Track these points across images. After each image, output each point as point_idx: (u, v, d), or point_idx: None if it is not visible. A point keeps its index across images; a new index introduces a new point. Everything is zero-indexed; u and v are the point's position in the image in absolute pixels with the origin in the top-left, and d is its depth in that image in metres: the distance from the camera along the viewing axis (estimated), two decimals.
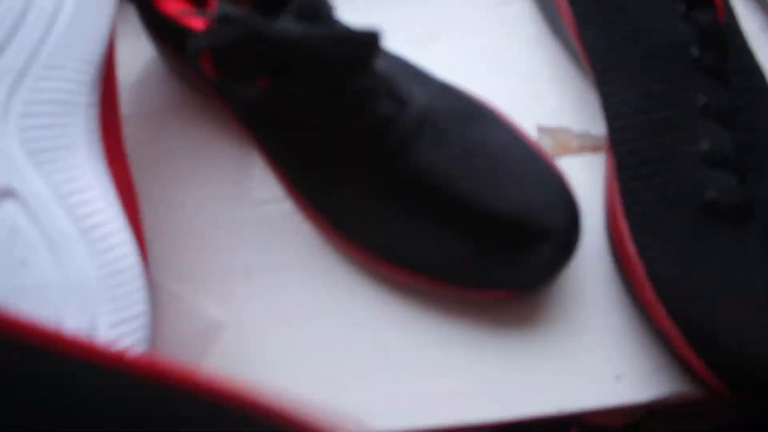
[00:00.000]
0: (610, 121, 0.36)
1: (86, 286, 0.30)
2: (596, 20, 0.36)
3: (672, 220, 0.33)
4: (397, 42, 0.42)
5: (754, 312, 0.32)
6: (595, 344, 0.35)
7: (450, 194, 0.31)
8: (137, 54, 0.43)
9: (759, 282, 0.32)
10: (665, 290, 0.33)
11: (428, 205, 0.32)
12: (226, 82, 0.32)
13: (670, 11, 0.34)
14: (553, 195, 0.32)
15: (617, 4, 0.35)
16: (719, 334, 0.32)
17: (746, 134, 0.35)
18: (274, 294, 0.36)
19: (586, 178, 0.38)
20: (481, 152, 0.32)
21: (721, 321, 0.32)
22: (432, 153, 0.31)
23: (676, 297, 0.33)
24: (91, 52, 0.32)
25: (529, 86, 0.41)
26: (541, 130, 0.40)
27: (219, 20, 0.28)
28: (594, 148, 0.39)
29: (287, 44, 0.28)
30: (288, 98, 0.32)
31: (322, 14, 0.30)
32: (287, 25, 0.28)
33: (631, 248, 0.34)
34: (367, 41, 0.30)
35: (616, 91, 0.36)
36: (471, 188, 0.31)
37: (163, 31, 0.37)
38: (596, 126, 0.40)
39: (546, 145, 0.39)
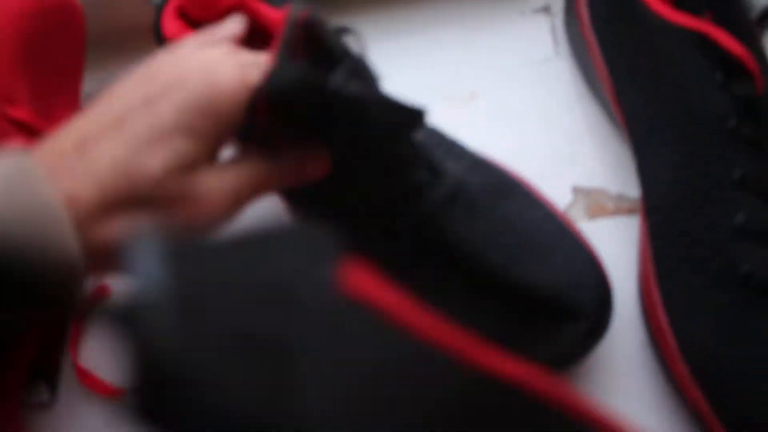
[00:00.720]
0: (647, 188, 0.36)
1: None
2: (633, 84, 0.36)
3: (706, 293, 0.33)
4: (438, 99, 0.43)
5: None
6: (624, 413, 0.35)
7: (480, 268, 0.32)
8: None
9: None
10: (699, 365, 0.33)
11: (457, 278, 0.32)
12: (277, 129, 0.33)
13: (707, 80, 0.34)
14: (584, 273, 0.33)
15: (654, 70, 0.35)
16: (754, 416, 0.31)
17: None
18: None
19: (621, 240, 0.38)
20: (512, 228, 0.32)
21: (757, 403, 0.31)
22: (464, 226, 0.32)
23: (709, 373, 0.32)
24: None
25: (567, 146, 0.41)
26: (578, 190, 0.40)
27: (281, 65, 0.28)
28: (629, 211, 0.39)
29: (341, 100, 0.29)
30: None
31: (371, 78, 0.31)
32: (341, 81, 0.29)
33: (663, 318, 0.34)
34: (414, 112, 0.31)
35: (653, 157, 0.36)
36: (501, 263, 0.32)
37: None
38: (632, 188, 0.39)
39: (582, 205, 0.39)
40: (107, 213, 0.25)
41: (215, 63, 0.28)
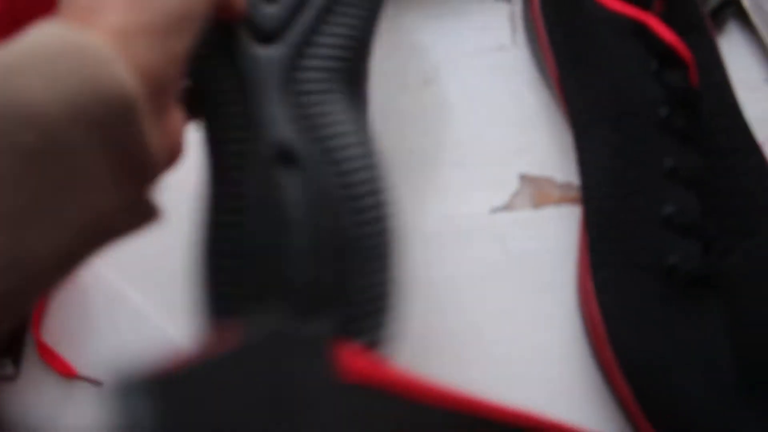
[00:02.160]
0: (584, 177, 0.36)
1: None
2: (574, 73, 0.36)
3: (634, 284, 0.33)
4: (393, 86, 0.43)
5: (711, 386, 0.31)
6: (554, 400, 0.35)
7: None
8: None
9: (717, 355, 0.32)
10: (624, 355, 0.33)
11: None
12: None
13: (643, 70, 0.33)
14: None
15: (593, 59, 0.35)
16: (673, 407, 0.31)
17: (723, 199, 0.34)
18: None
19: (564, 229, 0.38)
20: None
21: (676, 393, 0.32)
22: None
23: (633, 363, 0.33)
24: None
25: (518, 134, 0.41)
26: (524, 178, 0.40)
27: None
28: (574, 200, 0.39)
29: None
30: None
31: None
32: None
33: (594, 307, 0.34)
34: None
35: (590, 146, 0.36)
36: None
37: None
38: (579, 177, 0.40)
39: (527, 193, 0.40)
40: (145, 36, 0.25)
41: None
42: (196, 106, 0.32)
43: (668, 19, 0.36)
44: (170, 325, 0.40)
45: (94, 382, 0.39)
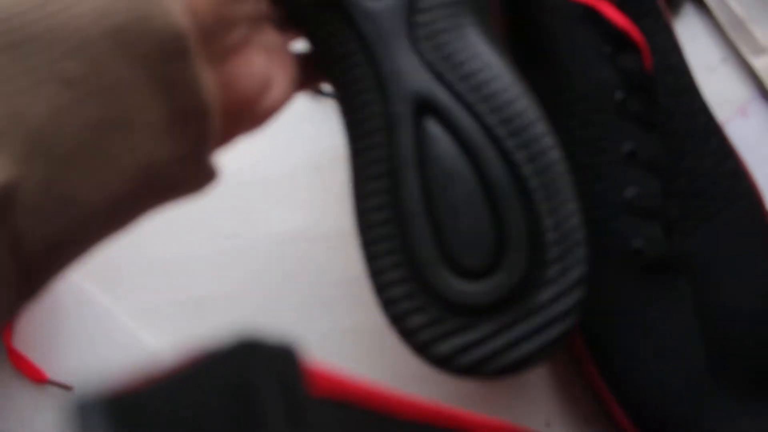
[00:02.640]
0: None
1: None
2: (529, 62, 0.36)
3: (599, 271, 0.33)
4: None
5: (680, 369, 0.32)
6: (527, 390, 0.35)
7: None
8: None
9: (685, 338, 0.32)
10: (593, 342, 0.33)
11: None
12: None
13: (596, 54, 0.33)
14: None
15: (549, 45, 0.35)
16: (644, 393, 0.32)
17: (684, 181, 0.34)
18: (225, 324, 0.38)
19: None
20: None
21: (647, 379, 0.32)
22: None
23: (602, 350, 0.33)
24: None
25: None
26: None
27: None
28: None
29: None
30: None
31: None
32: None
33: None
34: None
35: None
36: None
37: None
38: None
39: None
40: None
41: None
42: (324, 75, 0.31)
43: (622, 4, 0.36)
44: (141, 328, 0.40)
45: (65, 387, 0.39)
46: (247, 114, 0.27)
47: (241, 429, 0.16)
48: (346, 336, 0.38)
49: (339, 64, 0.30)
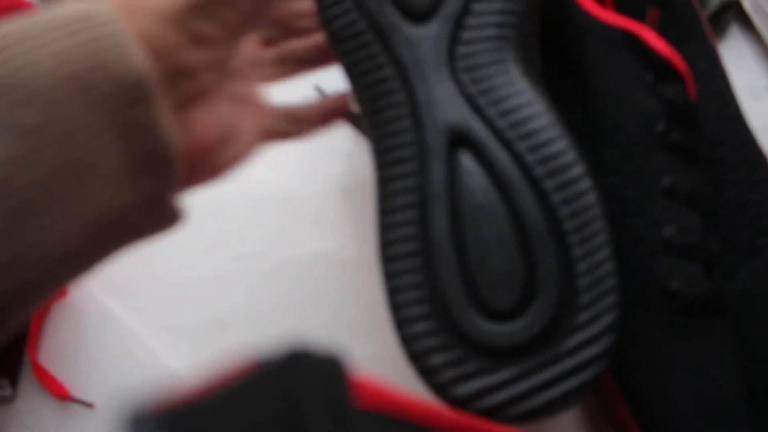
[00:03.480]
0: None
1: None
2: (567, 87, 0.35)
3: (635, 311, 0.31)
4: None
5: (719, 414, 0.30)
6: (559, 427, 0.35)
7: None
8: None
9: (725, 383, 0.31)
10: (627, 387, 0.32)
11: None
12: None
13: (637, 83, 0.32)
14: None
15: (587, 72, 0.33)
16: None
17: (728, 215, 0.33)
18: (244, 345, 0.38)
19: None
20: None
21: (683, 425, 0.30)
22: None
23: (637, 395, 0.31)
24: None
25: None
26: None
27: None
28: None
29: None
30: None
31: None
32: None
33: None
34: None
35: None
36: None
37: None
38: None
39: None
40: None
41: None
42: (360, 98, 0.30)
43: (665, 27, 0.34)
44: (162, 348, 0.40)
45: (87, 405, 0.39)
46: (207, 164, 0.27)
47: None
48: (366, 363, 0.37)
49: (374, 88, 0.29)
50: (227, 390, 0.18)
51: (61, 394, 0.39)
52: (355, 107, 0.38)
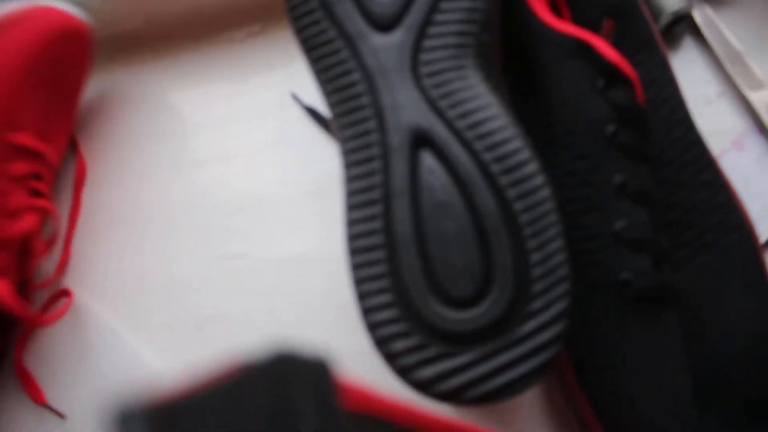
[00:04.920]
0: None
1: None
2: (521, 94, 0.37)
3: (590, 303, 0.33)
4: None
5: (668, 401, 0.32)
6: (518, 418, 0.36)
7: None
8: None
9: (673, 370, 0.32)
10: (581, 371, 0.33)
11: None
12: None
13: (588, 88, 0.34)
14: None
15: (542, 78, 0.36)
16: (632, 424, 0.32)
17: (677, 213, 0.35)
18: (225, 344, 0.39)
19: None
20: None
21: (634, 410, 0.32)
22: None
23: (590, 379, 0.33)
24: None
25: None
26: None
27: None
28: None
29: None
30: None
31: None
32: None
33: None
34: None
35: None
36: None
37: None
38: None
39: None
40: None
41: None
42: (329, 101, 0.32)
43: (619, 38, 0.36)
44: (145, 348, 0.41)
45: (59, 415, 0.39)
46: None
47: None
48: (346, 358, 0.38)
49: (342, 92, 0.31)
50: (216, 390, 0.18)
51: (37, 399, 0.40)
52: (326, 112, 0.40)
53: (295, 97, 0.46)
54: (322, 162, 0.43)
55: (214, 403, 0.17)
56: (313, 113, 0.45)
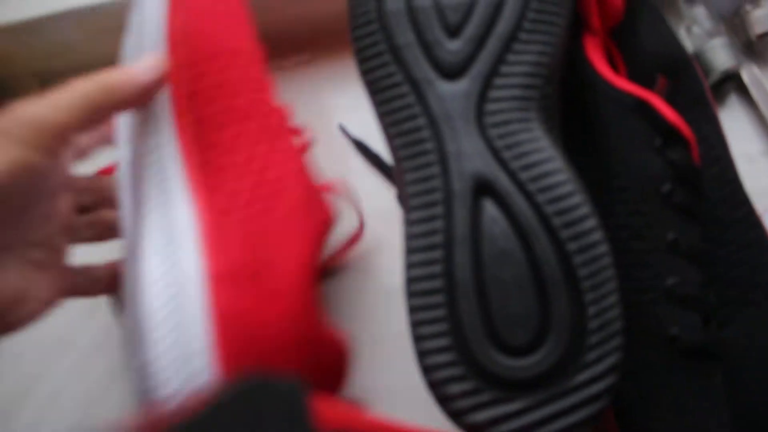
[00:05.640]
0: None
1: None
2: (585, 148, 0.37)
3: (637, 354, 0.33)
4: None
5: None
6: None
7: None
8: None
9: (717, 426, 0.33)
10: (626, 424, 0.34)
11: None
12: None
13: (646, 146, 0.35)
14: None
15: (602, 134, 0.36)
16: None
17: (724, 270, 0.36)
18: None
19: None
20: None
21: None
22: None
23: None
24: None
25: None
26: None
27: None
28: None
29: None
30: None
31: None
32: None
33: None
34: None
35: None
36: None
37: None
38: None
39: None
40: None
41: None
42: (392, 144, 0.33)
43: (672, 94, 0.37)
44: None
45: None
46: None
47: None
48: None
49: (407, 137, 0.32)
50: (192, 416, 0.18)
51: None
52: (388, 159, 0.41)
53: (344, 129, 0.47)
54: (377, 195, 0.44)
55: (191, 428, 0.18)
56: (360, 146, 0.46)
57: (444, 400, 0.29)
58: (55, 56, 0.49)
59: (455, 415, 0.29)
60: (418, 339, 0.30)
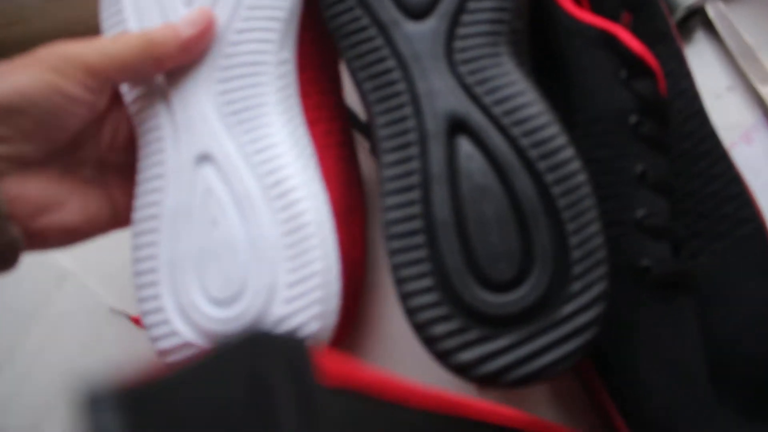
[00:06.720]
0: None
1: (268, 244, 0.31)
2: (550, 82, 0.37)
3: None
4: None
5: (684, 386, 0.32)
6: (532, 402, 0.37)
7: None
8: None
9: (690, 356, 0.33)
10: (597, 355, 0.34)
11: None
12: None
13: (612, 78, 0.35)
14: None
15: (567, 68, 0.36)
16: (648, 409, 0.32)
17: (691, 203, 0.36)
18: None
19: None
20: None
21: (650, 395, 0.32)
22: None
23: (606, 363, 0.34)
24: (277, 8, 0.33)
25: None
26: None
27: None
28: None
29: None
30: None
31: None
32: None
33: None
34: None
35: None
36: None
37: None
38: None
39: None
40: None
41: None
42: (363, 88, 0.32)
43: (637, 30, 0.37)
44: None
45: None
46: (29, 230, 0.30)
47: (253, 418, 0.17)
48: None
49: (377, 79, 0.32)
50: (189, 369, 0.17)
51: None
52: (361, 113, 0.40)
53: None
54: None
55: (189, 382, 0.17)
56: None
57: (430, 341, 0.29)
58: (13, 24, 0.48)
59: (442, 356, 0.29)
60: (400, 281, 0.29)
